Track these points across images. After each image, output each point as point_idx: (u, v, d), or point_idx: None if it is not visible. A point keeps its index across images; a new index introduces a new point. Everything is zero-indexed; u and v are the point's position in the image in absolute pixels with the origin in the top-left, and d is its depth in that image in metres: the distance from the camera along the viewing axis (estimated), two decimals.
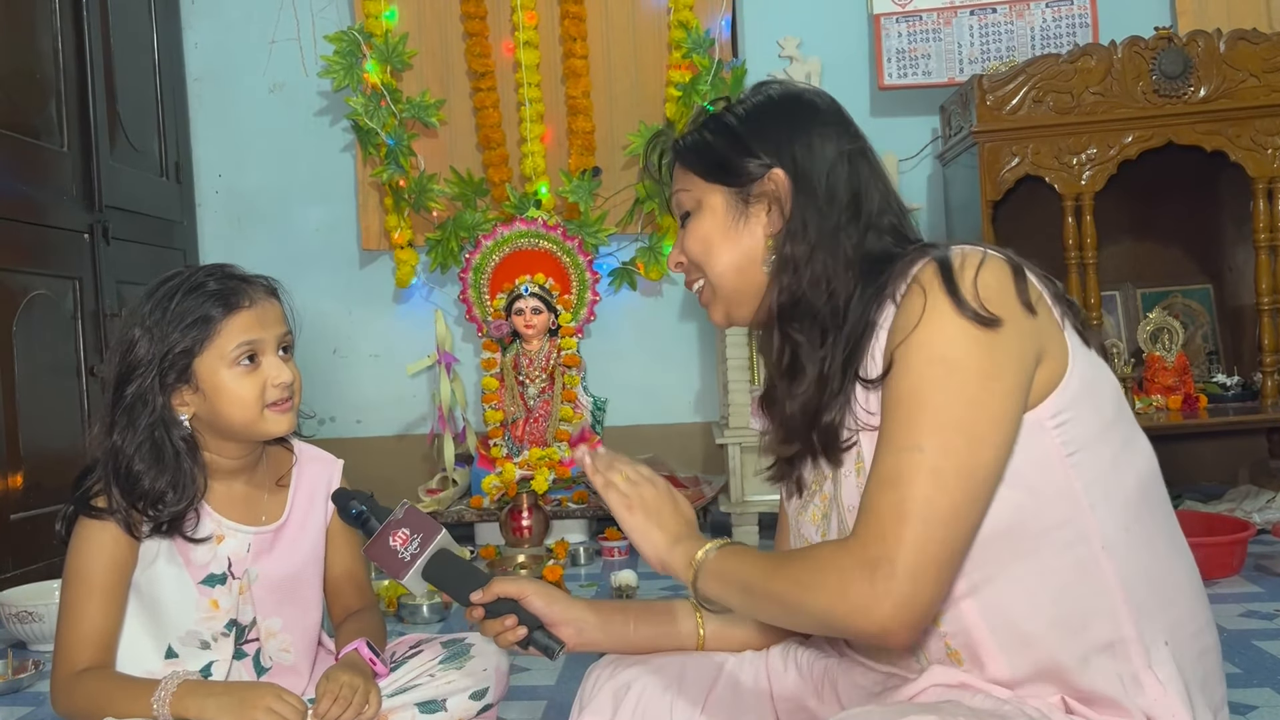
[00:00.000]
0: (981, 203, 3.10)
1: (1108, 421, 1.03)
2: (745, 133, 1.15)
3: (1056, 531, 1.00)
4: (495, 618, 1.21)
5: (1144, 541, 1.03)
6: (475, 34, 3.72)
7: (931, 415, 0.96)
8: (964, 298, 0.97)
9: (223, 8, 3.89)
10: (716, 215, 1.16)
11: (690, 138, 1.20)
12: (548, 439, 3.40)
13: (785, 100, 1.18)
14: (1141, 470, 1.05)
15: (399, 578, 1.25)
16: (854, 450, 1.07)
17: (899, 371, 0.99)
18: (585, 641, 1.23)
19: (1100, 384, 1.04)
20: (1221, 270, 3.51)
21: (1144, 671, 0.99)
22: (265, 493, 1.52)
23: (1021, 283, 1.00)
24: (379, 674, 1.48)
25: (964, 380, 0.96)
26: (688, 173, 1.19)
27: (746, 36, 3.77)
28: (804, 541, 1.16)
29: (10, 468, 2.74)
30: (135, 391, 1.40)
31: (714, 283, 1.17)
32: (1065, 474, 0.99)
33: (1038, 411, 0.99)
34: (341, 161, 3.88)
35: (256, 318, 1.43)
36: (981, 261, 1.00)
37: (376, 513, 1.29)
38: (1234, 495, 3.13)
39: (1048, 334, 1.01)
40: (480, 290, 3.55)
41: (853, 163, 1.13)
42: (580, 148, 3.68)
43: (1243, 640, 2.01)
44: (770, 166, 1.12)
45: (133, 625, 1.45)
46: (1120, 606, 1.00)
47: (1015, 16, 3.51)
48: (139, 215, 3.47)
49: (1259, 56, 2.99)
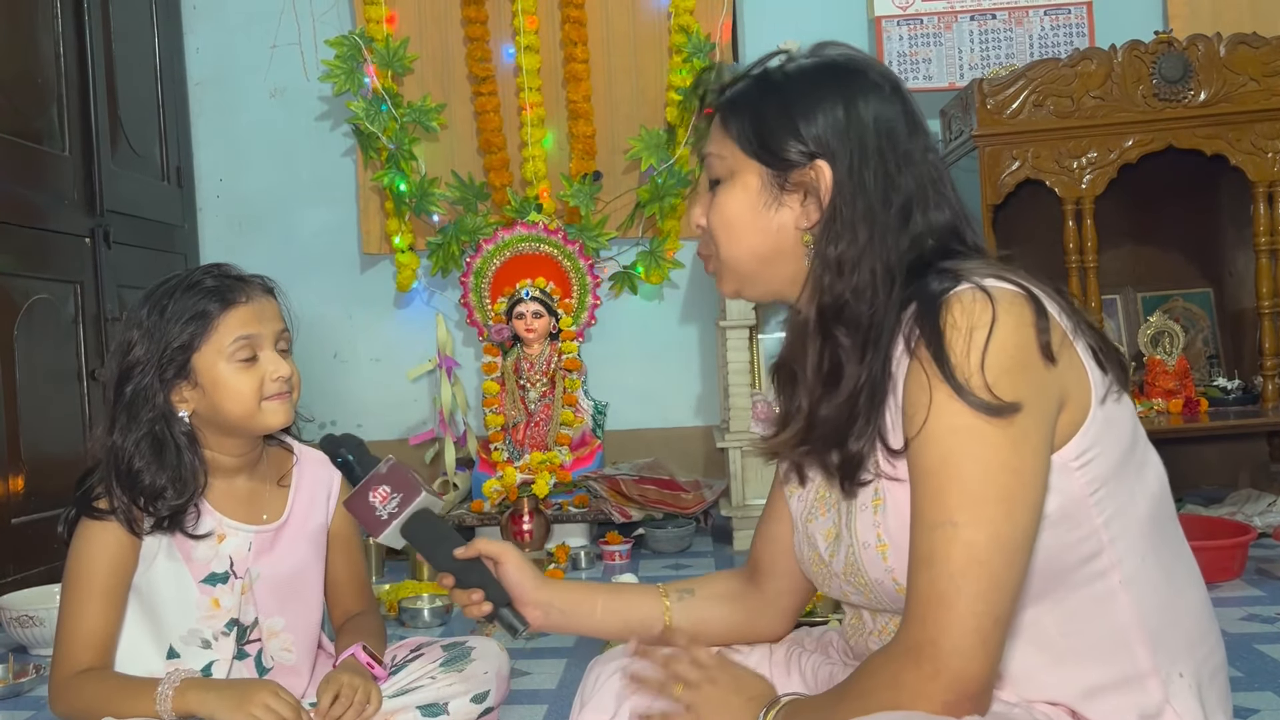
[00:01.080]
0: (982, 206, 3.10)
1: (1126, 450, 1.00)
2: (797, 109, 1.05)
3: (1079, 570, 0.98)
4: (465, 588, 1.20)
5: (1159, 568, 1.01)
6: (476, 38, 3.73)
7: (961, 486, 0.92)
8: (969, 389, 0.91)
9: (224, 12, 3.90)
10: (749, 194, 1.07)
11: (739, 97, 1.09)
12: (549, 443, 3.40)
13: (846, 76, 1.07)
14: (1154, 491, 1.03)
15: (375, 535, 1.23)
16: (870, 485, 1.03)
17: (923, 439, 0.94)
18: (550, 624, 1.22)
19: (1119, 413, 1.00)
20: (1222, 274, 3.51)
21: (1164, 708, 0.98)
22: (266, 492, 1.53)
23: (1043, 322, 0.94)
24: (377, 678, 1.49)
25: (993, 446, 0.92)
26: (727, 138, 1.08)
27: (747, 40, 3.78)
28: (813, 549, 1.12)
29: (11, 471, 2.74)
30: (134, 390, 1.41)
31: (727, 260, 1.09)
32: (1088, 512, 0.97)
33: (1063, 453, 0.96)
34: (342, 166, 3.89)
35: (253, 313, 1.44)
36: (992, 324, 0.92)
37: (363, 462, 1.27)
38: (1235, 499, 3.13)
39: (1070, 377, 0.96)
40: (481, 294, 3.55)
41: (910, 160, 1.04)
42: (581, 152, 3.69)
43: (1244, 644, 2.00)
44: (815, 155, 1.03)
45: (134, 625, 1.45)
46: (1137, 642, 0.98)
47: (1014, 23, 3.54)
48: (140, 220, 3.47)
49: (1259, 60, 3.00)
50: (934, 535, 0.92)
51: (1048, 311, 0.96)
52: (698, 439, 3.81)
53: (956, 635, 0.90)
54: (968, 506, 0.91)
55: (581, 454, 3.41)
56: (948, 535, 0.91)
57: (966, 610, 0.90)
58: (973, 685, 0.90)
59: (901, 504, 0.99)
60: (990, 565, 0.91)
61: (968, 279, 0.96)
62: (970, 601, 0.90)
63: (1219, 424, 3.04)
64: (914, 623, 0.93)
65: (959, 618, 0.90)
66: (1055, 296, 1.00)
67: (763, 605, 1.24)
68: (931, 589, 0.92)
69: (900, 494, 0.99)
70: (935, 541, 0.92)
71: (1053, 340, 0.94)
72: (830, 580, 1.11)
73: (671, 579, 2.78)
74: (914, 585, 0.94)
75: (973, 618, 0.90)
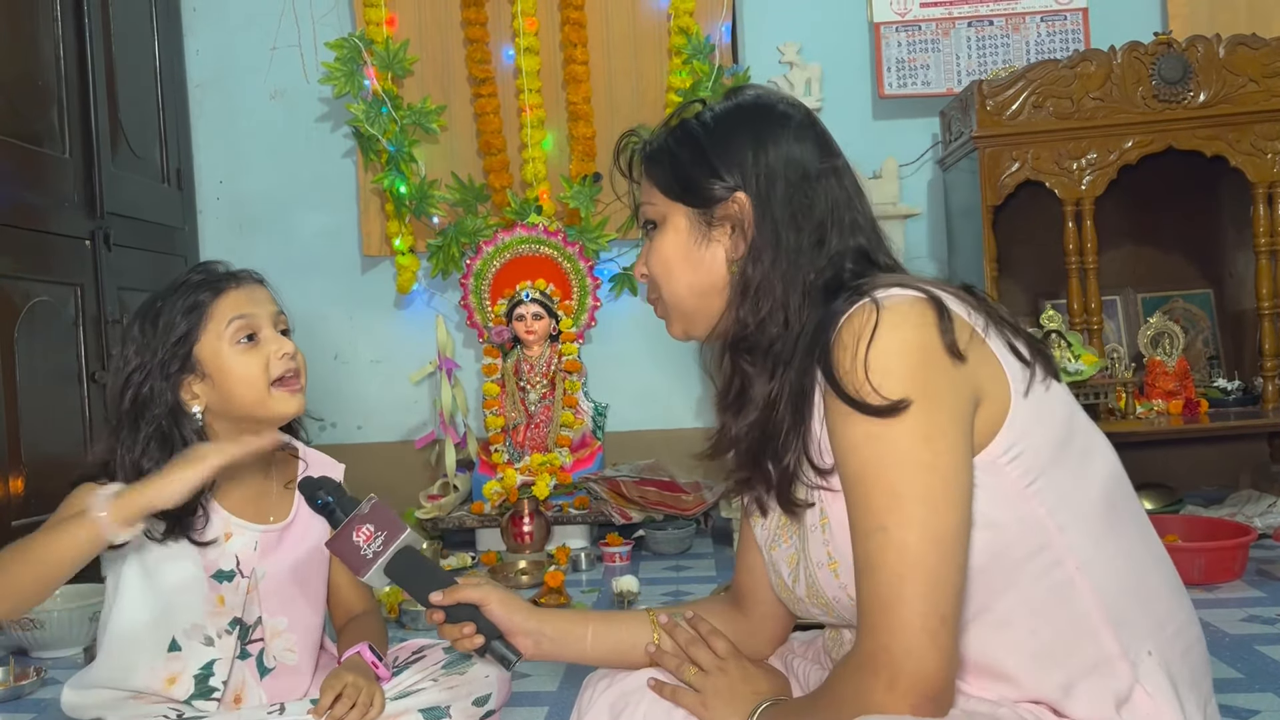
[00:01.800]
0: (982, 208, 3.10)
1: (1061, 438, 1.02)
2: (711, 149, 1.11)
3: (1030, 562, 0.99)
4: (455, 623, 1.21)
5: (1117, 551, 1.02)
6: (476, 40, 3.73)
7: (884, 491, 0.95)
8: (859, 397, 0.95)
9: (224, 14, 3.90)
10: (680, 235, 1.13)
11: (657, 148, 1.16)
12: (549, 444, 3.40)
13: (755, 112, 1.13)
14: (1104, 476, 1.04)
15: (360, 575, 1.23)
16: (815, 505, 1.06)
17: (844, 450, 0.98)
18: (542, 653, 1.23)
19: (1049, 403, 1.02)
20: (1222, 275, 3.51)
21: (1134, 688, 0.99)
22: (273, 493, 1.53)
23: (945, 323, 0.97)
24: (381, 678, 1.49)
25: (905, 449, 0.94)
26: (652, 186, 1.16)
27: (747, 42, 3.78)
28: (778, 576, 1.15)
29: (11, 474, 2.74)
30: (137, 396, 1.41)
31: (670, 302, 1.16)
32: (1028, 504, 0.98)
33: (990, 450, 0.98)
34: (342, 167, 3.89)
35: (246, 296, 1.46)
36: (874, 330, 0.96)
37: (343, 505, 1.26)
38: (1235, 500, 3.13)
39: (983, 373, 0.99)
40: (481, 296, 3.56)
41: (822, 184, 1.09)
42: (581, 154, 3.69)
43: (1245, 645, 2.00)
44: (734, 189, 1.09)
45: (138, 610, 1.44)
46: (1101, 625, 0.99)
47: (1011, 29, 3.55)
48: (140, 221, 3.47)
49: (1258, 61, 3.00)
50: (868, 543, 0.95)
51: (950, 312, 0.98)
52: (698, 440, 3.75)
53: (905, 637, 0.92)
54: (893, 510, 0.94)
55: (582, 455, 3.41)
56: (880, 541, 0.94)
57: (910, 611, 0.92)
58: (929, 685, 0.92)
59: (845, 520, 1.01)
60: (926, 563, 0.93)
61: (869, 293, 1.00)
62: (913, 602, 0.92)
63: (1219, 425, 3.04)
64: (865, 633, 0.95)
65: (904, 620, 0.92)
66: (965, 297, 1.03)
67: (750, 630, 1.26)
68: (874, 596, 0.94)
69: (842, 510, 1.01)
70: (870, 549, 0.95)
71: (959, 339, 0.97)
72: (798, 604, 1.15)
73: (671, 580, 2.79)
74: (860, 594, 0.96)
75: (918, 617, 0.92)
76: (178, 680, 1.43)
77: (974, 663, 1.01)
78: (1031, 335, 1.07)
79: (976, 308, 1.03)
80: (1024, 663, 1.00)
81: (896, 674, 0.92)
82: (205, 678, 1.45)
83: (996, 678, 1.00)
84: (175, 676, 1.43)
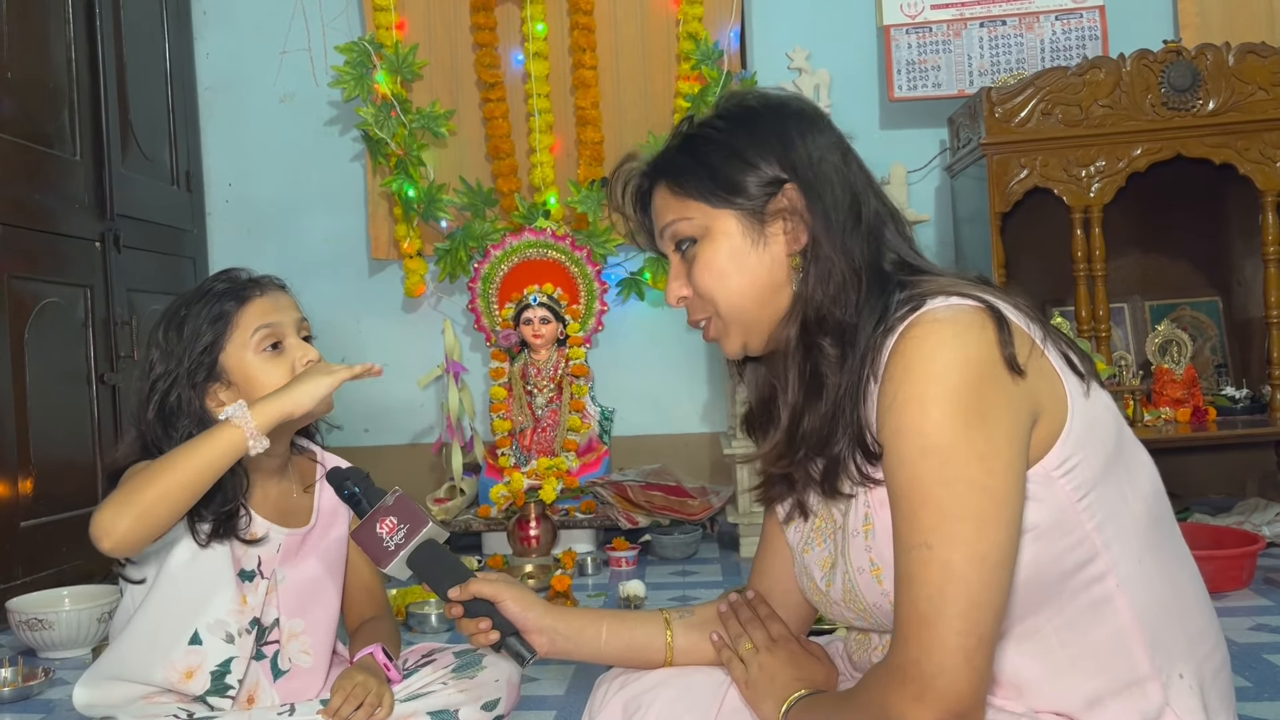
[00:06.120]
0: (989, 215, 3.10)
1: (1111, 453, 1.00)
2: (744, 149, 1.08)
3: (1073, 577, 0.98)
4: (472, 618, 1.23)
5: (1157, 569, 1.01)
6: (485, 45, 3.74)
7: (933, 508, 0.92)
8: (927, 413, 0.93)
9: (234, 18, 3.92)
10: (733, 239, 1.07)
11: (679, 161, 1.11)
12: (555, 449, 3.41)
13: (769, 107, 1.11)
14: (1147, 492, 1.03)
15: (382, 566, 1.25)
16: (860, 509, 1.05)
17: (894, 463, 0.96)
18: (556, 650, 1.24)
19: (1100, 415, 1.01)
20: (1230, 283, 3.51)
21: (1164, 710, 0.98)
22: (294, 497, 1.54)
23: (1005, 335, 0.95)
24: (392, 679, 1.50)
25: (961, 466, 0.92)
26: (685, 200, 1.09)
27: (755, 48, 3.79)
28: (810, 579, 1.15)
29: (21, 475, 2.75)
30: (164, 404, 1.42)
31: (729, 314, 1.09)
32: (1078, 518, 0.97)
33: (1044, 463, 0.97)
34: (351, 171, 3.90)
35: (270, 303, 1.47)
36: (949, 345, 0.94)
37: (370, 495, 1.29)
38: (1243, 508, 3.12)
39: (1042, 388, 0.97)
40: (489, 300, 3.56)
41: (848, 163, 1.09)
42: (589, 158, 3.69)
43: (1253, 654, 2.00)
44: (781, 179, 1.06)
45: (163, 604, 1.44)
46: (1135, 644, 0.98)
47: (1025, 29, 3.52)
48: (150, 224, 3.49)
49: (1267, 69, 3.00)
50: (911, 557, 0.93)
51: (1010, 324, 0.97)
52: (704, 445, 3.81)
53: (939, 655, 0.91)
54: (940, 527, 0.92)
55: (588, 460, 3.41)
56: (923, 558, 0.92)
57: (947, 629, 0.91)
58: (958, 704, 0.91)
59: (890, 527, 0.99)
60: (968, 584, 0.91)
61: (930, 298, 0.98)
62: (951, 620, 0.91)
63: (1227, 433, 3.03)
64: (899, 643, 0.94)
65: (940, 637, 0.91)
66: (1021, 307, 1.02)
67: None
68: (913, 610, 0.93)
69: (888, 518, 1.00)
70: (913, 564, 0.93)
71: (1019, 352, 0.95)
72: (831, 607, 1.14)
73: (677, 585, 2.79)
74: (898, 606, 0.95)
75: (955, 636, 0.91)
76: (195, 675, 1.44)
77: (1007, 679, 1.01)
78: (1079, 345, 1.06)
79: (1032, 319, 1.01)
80: (1047, 672, 0.99)
81: (925, 689, 0.91)
82: (222, 674, 1.45)
83: (1020, 687, 1.00)
84: (193, 671, 1.44)
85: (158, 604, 1.43)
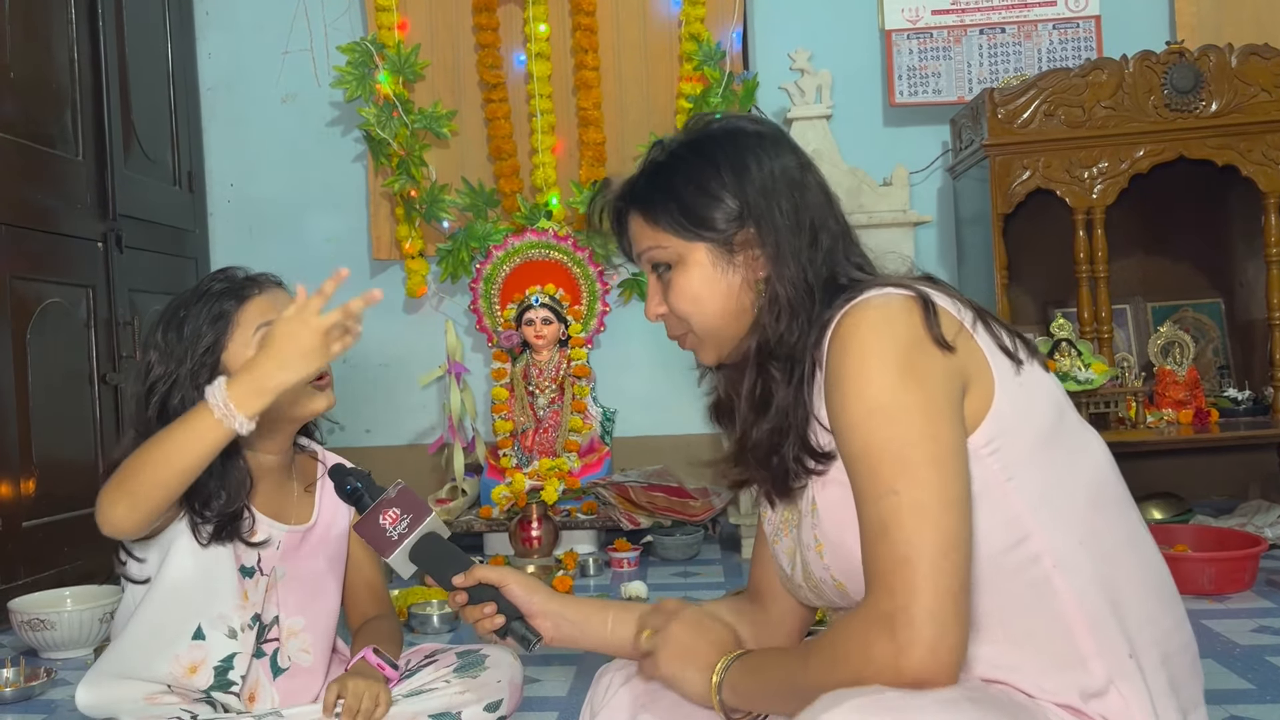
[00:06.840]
0: (992, 216, 3.10)
1: (1045, 437, 1.03)
2: (707, 179, 1.13)
3: (1004, 557, 0.99)
4: (476, 604, 1.24)
5: (1100, 552, 1.01)
6: (487, 45, 3.74)
7: (892, 458, 0.95)
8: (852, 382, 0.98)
9: (236, 18, 3.92)
10: (704, 268, 1.13)
11: (650, 192, 1.16)
12: (557, 449, 3.41)
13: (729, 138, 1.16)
14: (1091, 475, 1.05)
15: (385, 556, 1.26)
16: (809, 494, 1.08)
17: (846, 433, 0.99)
18: (562, 636, 1.25)
19: (1035, 400, 1.04)
20: (1232, 284, 3.50)
21: (1109, 687, 0.98)
22: (295, 496, 1.55)
23: (932, 318, 1.00)
24: (389, 678, 1.50)
25: (908, 421, 0.96)
26: (659, 230, 1.15)
27: (758, 49, 3.78)
28: (780, 568, 1.17)
29: (23, 475, 2.75)
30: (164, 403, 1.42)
31: (703, 333, 1.16)
32: (1006, 499, 0.99)
33: (972, 440, 0.99)
34: (353, 171, 3.90)
35: (269, 301, 1.47)
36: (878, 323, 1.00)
37: (371, 491, 1.30)
38: (1245, 510, 3.12)
39: (970, 364, 1.01)
40: (491, 300, 3.56)
41: (805, 187, 1.13)
42: (591, 159, 3.70)
43: (1255, 656, 2.00)
44: (745, 212, 1.11)
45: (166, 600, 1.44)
46: (1077, 625, 0.98)
47: (1024, 36, 3.55)
48: (152, 224, 3.49)
49: (1270, 71, 3.00)
50: (881, 506, 0.95)
51: (937, 308, 1.02)
52: (706, 446, 3.80)
53: (927, 598, 0.90)
54: (904, 474, 0.94)
55: (590, 461, 3.41)
56: (894, 504, 0.94)
57: (931, 569, 0.91)
58: (951, 653, 0.90)
59: (832, 504, 1.04)
60: (942, 522, 0.93)
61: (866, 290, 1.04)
62: (934, 559, 0.91)
63: (1229, 435, 3.03)
64: (881, 593, 0.93)
65: (925, 579, 0.91)
66: (954, 296, 1.07)
67: (769, 626, 1.26)
68: (892, 554, 0.93)
69: (831, 494, 1.05)
70: (883, 511, 0.94)
71: (946, 332, 1.00)
72: (798, 590, 1.16)
73: (679, 586, 2.79)
74: (873, 558, 0.95)
75: (943, 576, 0.91)
76: (199, 669, 1.44)
77: None
78: (1021, 334, 1.10)
79: (963, 305, 1.06)
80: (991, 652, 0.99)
81: (915, 639, 0.89)
82: (225, 670, 1.45)
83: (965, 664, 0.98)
84: (197, 665, 1.44)
85: (160, 600, 1.43)
